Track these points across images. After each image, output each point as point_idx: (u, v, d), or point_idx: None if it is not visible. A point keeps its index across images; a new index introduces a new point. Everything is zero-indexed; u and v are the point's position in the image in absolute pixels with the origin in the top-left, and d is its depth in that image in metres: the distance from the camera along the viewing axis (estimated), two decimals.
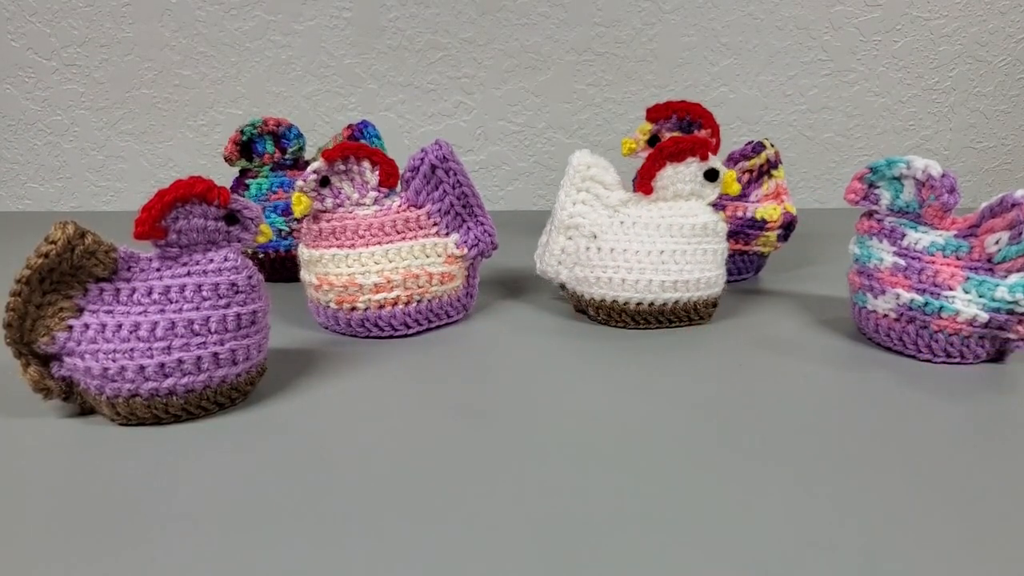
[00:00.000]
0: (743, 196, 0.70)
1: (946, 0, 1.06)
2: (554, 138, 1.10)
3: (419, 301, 0.59)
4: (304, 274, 0.59)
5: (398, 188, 0.60)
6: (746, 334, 0.60)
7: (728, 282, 0.67)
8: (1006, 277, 0.51)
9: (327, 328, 0.61)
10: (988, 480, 0.39)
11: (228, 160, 0.73)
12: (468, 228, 0.61)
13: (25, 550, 0.33)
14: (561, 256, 0.62)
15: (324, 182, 0.57)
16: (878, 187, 0.56)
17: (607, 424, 0.45)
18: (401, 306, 0.58)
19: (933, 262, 0.53)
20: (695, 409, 0.47)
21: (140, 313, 0.43)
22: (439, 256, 0.59)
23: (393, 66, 1.06)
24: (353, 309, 0.58)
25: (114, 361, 0.42)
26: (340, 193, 0.58)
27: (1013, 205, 0.50)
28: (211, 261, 0.45)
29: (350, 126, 0.73)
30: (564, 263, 0.62)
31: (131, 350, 0.42)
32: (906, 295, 0.53)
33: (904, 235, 0.55)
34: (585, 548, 0.33)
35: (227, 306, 0.45)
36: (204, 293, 0.44)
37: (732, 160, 0.71)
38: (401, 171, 0.60)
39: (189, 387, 0.44)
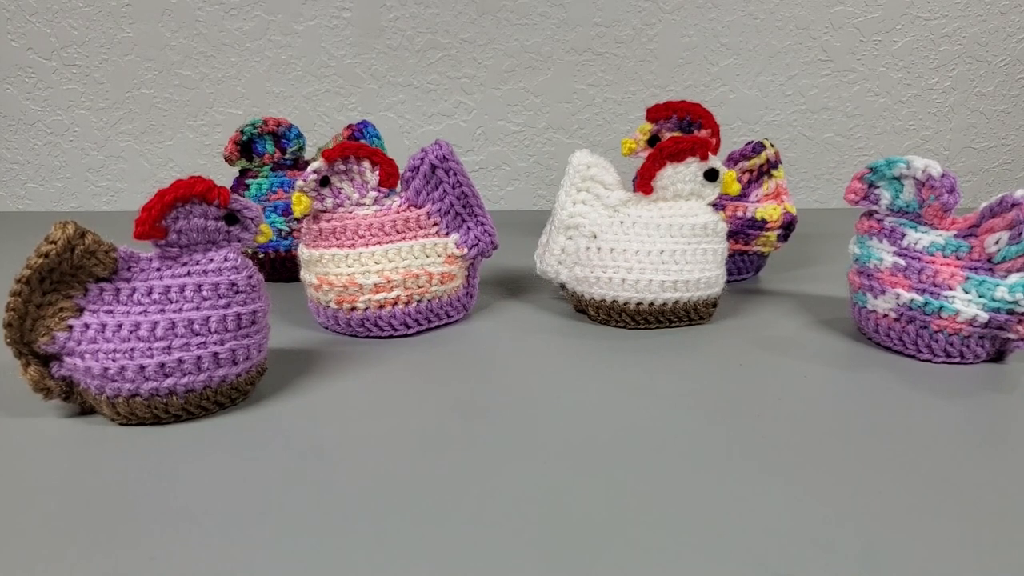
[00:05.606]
0: (743, 196, 0.70)
1: (946, 0, 1.06)
2: (554, 138, 1.10)
3: (419, 301, 0.59)
4: (304, 274, 0.59)
5: (398, 188, 0.60)
6: (746, 334, 0.60)
7: (728, 282, 0.67)
8: (1006, 277, 0.51)
9: (327, 328, 0.61)
10: (987, 480, 0.39)
11: (228, 160, 0.73)
12: (468, 228, 0.61)
13: (25, 550, 0.33)
14: (561, 256, 0.62)
15: (324, 182, 0.57)
16: (878, 187, 0.56)
17: (607, 424, 0.45)
18: (401, 306, 0.58)
19: (933, 262, 0.53)
20: (695, 409, 0.47)
21: (140, 313, 0.43)
22: (439, 256, 0.59)
23: (393, 66, 1.06)
24: (353, 309, 0.58)
25: (114, 361, 0.42)
26: (340, 193, 0.58)
27: (1013, 205, 0.50)
28: (211, 261, 0.45)
29: (350, 126, 0.73)
30: (564, 263, 0.62)
31: (131, 350, 0.42)
32: (906, 295, 0.53)
33: (904, 235, 0.55)
34: (585, 547, 0.33)
35: (227, 306, 0.45)
36: (204, 293, 0.44)
37: (732, 160, 0.71)
38: (401, 171, 0.60)
39: (189, 387, 0.44)
